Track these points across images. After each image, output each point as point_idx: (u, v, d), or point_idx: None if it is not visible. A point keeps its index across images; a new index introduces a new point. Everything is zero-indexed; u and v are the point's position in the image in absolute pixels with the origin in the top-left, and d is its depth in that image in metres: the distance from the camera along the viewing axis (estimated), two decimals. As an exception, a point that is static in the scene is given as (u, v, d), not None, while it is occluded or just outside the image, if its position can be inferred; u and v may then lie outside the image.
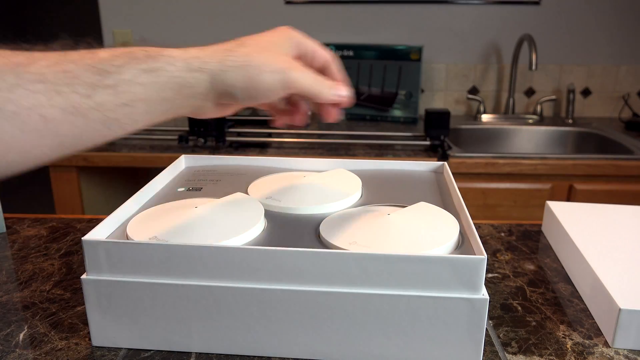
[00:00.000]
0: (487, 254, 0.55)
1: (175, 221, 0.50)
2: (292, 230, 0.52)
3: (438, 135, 1.48)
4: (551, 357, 0.48)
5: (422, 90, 1.91)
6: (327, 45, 1.78)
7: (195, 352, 0.48)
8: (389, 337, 0.45)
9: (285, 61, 0.45)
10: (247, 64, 0.44)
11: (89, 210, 1.59)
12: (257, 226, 0.51)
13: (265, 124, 1.72)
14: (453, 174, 0.98)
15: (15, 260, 0.66)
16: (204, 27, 1.87)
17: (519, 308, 0.56)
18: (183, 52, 0.45)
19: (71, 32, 3.54)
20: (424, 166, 0.70)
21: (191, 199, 0.57)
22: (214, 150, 1.47)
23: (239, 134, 1.59)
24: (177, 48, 0.44)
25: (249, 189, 0.61)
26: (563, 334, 0.52)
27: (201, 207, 0.52)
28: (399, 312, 0.44)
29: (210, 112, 0.46)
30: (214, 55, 0.45)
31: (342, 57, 1.79)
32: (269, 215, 0.55)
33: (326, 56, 0.50)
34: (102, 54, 0.41)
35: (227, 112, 0.47)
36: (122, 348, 0.49)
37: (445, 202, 0.59)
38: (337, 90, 0.47)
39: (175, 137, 1.53)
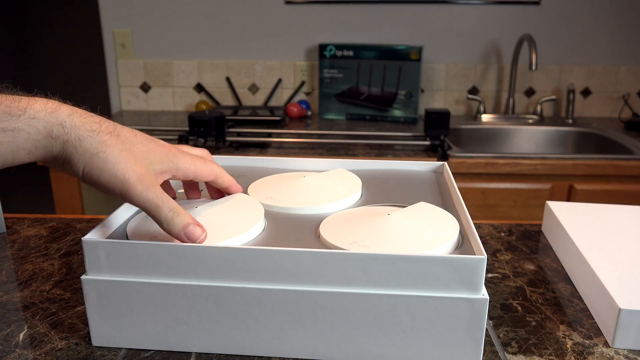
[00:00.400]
0: (487, 254, 0.55)
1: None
2: (292, 230, 0.52)
3: (438, 135, 1.48)
4: (551, 357, 0.48)
5: (422, 90, 1.91)
6: (327, 45, 1.78)
7: (195, 352, 0.48)
8: (389, 337, 0.45)
9: (138, 175, 0.44)
10: (99, 153, 0.43)
11: (89, 210, 1.59)
12: (257, 226, 0.51)
13: (265, 124, 1.72)
14: (453, 174, 0.98)
15: (15, 260, 0.66)
16: (204, 27, 1.87)
17: (519, 308, 0.56)
18: (49, 110, 0.43)
19: (71, 32, 3.54)
20: (424, 166, 0.70)
21: (191, 199, 0.57)
22: (214, 150, 1.47)
23: (239, 134, 1.59)
24: (44, 100, 0.43)
25: (249, 189, 0.61)
26: (563, 334, 0.52)
27: (201, 207, 0.52)
28: (399, 312, 0.44)
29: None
30: (80, 127, 0.44)
31: (342, 57, 1.79)
32: (269, 215, 0.55)
33: (209, 176, 0.51)
34: None
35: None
36: (122, 348, 0.49)
37: (445, 202, 0.59)
38: (188, 231, 0.45)
39: (176, 137, 1.53)
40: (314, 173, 0.64)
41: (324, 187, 0.60)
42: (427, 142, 1.48)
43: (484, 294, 0.44)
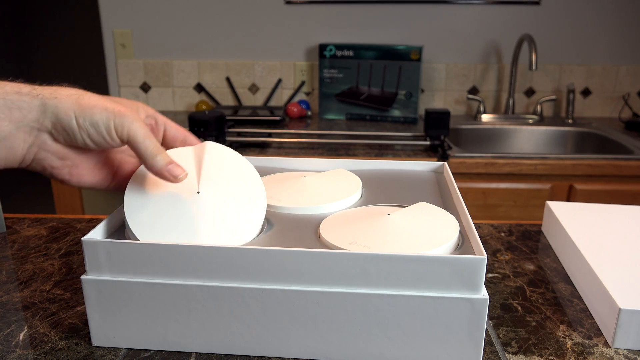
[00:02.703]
0: (487, 254, 0.55)
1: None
2: (292, 230, 0.52)
3: (438, 135, 1.48)
4: (551, 357, 0.48)
5: (422, 90, 1.91)
6: (327, 45, 1.78)
7: (195, 352, 0.48)
8: (389, 337, 0.45)
9: (122, 108, 0.44)
10: (78, 96, 0.43)
11: (89, 210, 1.59)
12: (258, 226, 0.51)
13: (265, 124, 1.72)
14: (453, 174, 0.98)
15: (15, 260, 0.66)
16: (204, 27, 1.87)
17: (519, 308, 0.56)
18: (14, 84, 0.43)
19: (71, 32, 3.54)
20: (424, 166, 0.70)
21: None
22: (214, 150, 1.46)
23: (239, 134, 1.59)
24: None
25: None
26: (563, 334, 0.52)
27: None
28: (399, 312, 0.44)
29: (54, 159, 0.44)
30: (46, 88, 0.43)
31: (342, 57, 1.79)
32: (269, 215, 0.55)
33: (182, 132, 0.50)
34: None
35: (76, 167, 0.46)
36: (122, 348, 0.49)
37: (445, 202, 0.59)
38: (171, 167, 0.45)
39: (175, 137, 1.53)
40: (314, 173, 0.64)
41: (324, 187, 0.60)
42: (427, 142, 1.48)
43: (484, 294, 0.44)
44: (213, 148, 0.53)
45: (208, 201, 0.50)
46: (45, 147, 0.44)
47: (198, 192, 0.50)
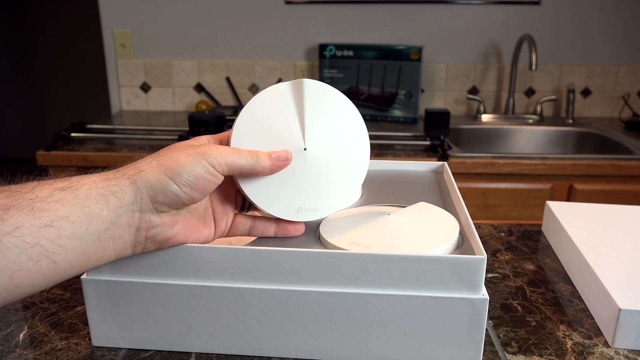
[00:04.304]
0: (487, 254, 0.55)
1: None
2: (292, 230, 0.51)
3: (438, 135, 1.48)
4: (551, 357, 0.48)
5: (422, 90, 1.90)
6: (327, 45, 1.78)
7: (195, 352, 0.48)
8: (389, 337, 0.45)
9: (198, 149, 0.42)
10: (156, 160, 0.41)
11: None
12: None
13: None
14: (453, 174, 0.98)
15: (15, 260, 0.66)
16: (204, 27, 1.87)
17: (519, 308, 0.56)
18: (97, 173, 0.41)
19: (71, 32, 3.54)
20: (424, 166, 0.70)
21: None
22: (214, 150, 1.46)
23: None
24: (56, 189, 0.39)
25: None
26: (563, 334, 0.52)
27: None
28: (399, 312, 0.44)
29: (166, 230, 0.42)
30: (126, 167, 0.42)
31: (342, 57, 1.79)
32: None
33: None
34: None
35: (189, 227, 0.44)
36: (122, 348, 0.49)
37: (445, 202, 0.59)
38: (276, 157, 0.45)
39: (176, 137, 1.53)
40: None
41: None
42: (427, 142, 1.48)
43: (484, 294, 0.44)
44: (311, 87, 0.48)
45: (315, 158, 0.48)
46: (153, 224, 0.41)
47: (305, 149, 0.48)
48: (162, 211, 0.41)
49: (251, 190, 0.46)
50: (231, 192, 0.49)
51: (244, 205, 0.50)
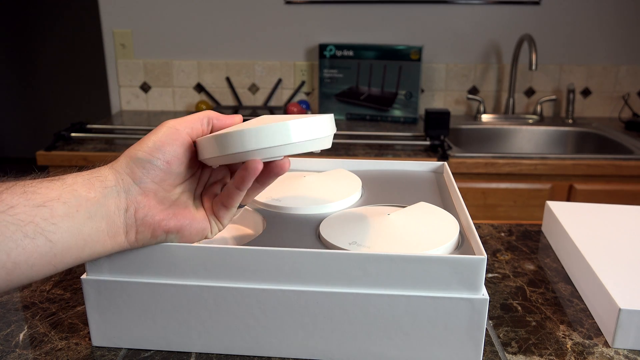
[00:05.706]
0: (487, 254, 0.55)
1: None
2: (292, 230, 0.52)
3: (438, 135, 1.48)
4: (551, 357, 0.48)
5: (422, 90, 1.90)
6: (327, 45, 1.78)
7: (195, 352, 0.48)
8: (389, 337, 0.45)
9: (171, 122, 0.45)
10: (136, 144, 0.44)
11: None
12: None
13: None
14: (453, 174, 0.98)
15: (15, 260, 0.66)
16: (204, 27, 1.87)
17: (519, 308, 0.56)
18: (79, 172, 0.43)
19: (71, 32, 3.54)
20: (424, 166, 0.70)
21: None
22: (214, 150, 1.46)
23: (239, 134, 1.59)
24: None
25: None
26: (563, 334, 0.52)
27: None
28: (399, 312, 0.44)
29: (155, 213, 0.43)
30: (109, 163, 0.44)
31: (342, 57, 1.79)
32: (269, 215, 0.55)
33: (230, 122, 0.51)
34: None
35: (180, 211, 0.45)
36: (122, 348, 0.49)
37: (445, 202, 0.59)
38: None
39: (175, 137, 1.53)
40: (314, 173, 0.64)
41: (324, 187, 0.60)
42: (427, 142, 1.48)
43: (484, 294, 0.44)
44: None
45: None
46: (140, 205, 0.42)
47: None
48: (148, 189, 0.42)
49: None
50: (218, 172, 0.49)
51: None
